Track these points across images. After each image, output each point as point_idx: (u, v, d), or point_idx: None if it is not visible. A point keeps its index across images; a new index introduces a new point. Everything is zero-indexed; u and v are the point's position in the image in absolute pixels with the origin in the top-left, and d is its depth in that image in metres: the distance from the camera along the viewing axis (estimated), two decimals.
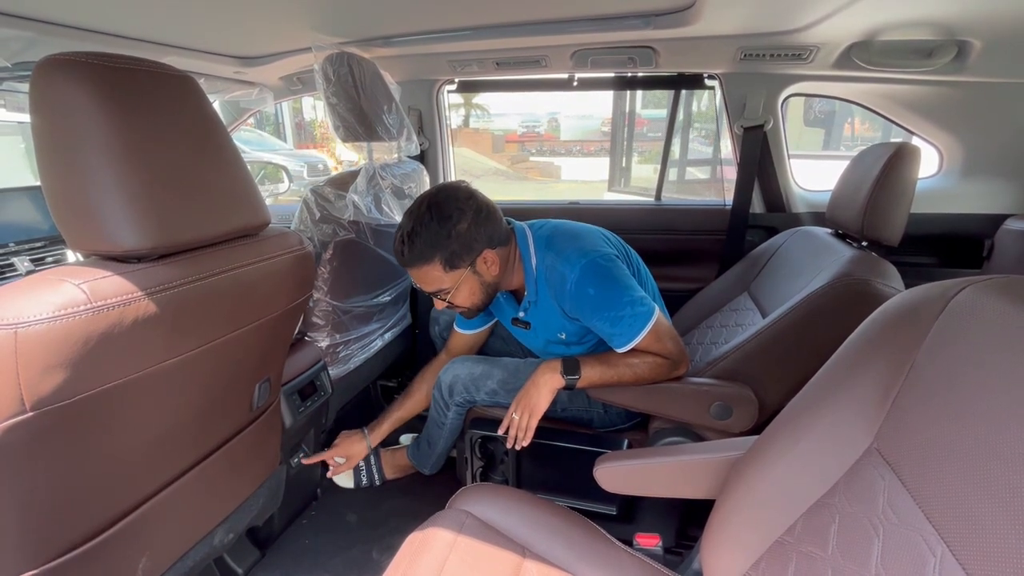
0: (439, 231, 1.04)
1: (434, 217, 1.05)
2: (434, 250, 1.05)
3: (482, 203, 1.10)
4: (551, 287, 1.13)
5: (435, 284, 1.09)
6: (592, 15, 1.26)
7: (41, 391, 0.54)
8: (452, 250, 1.05)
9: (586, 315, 1.09)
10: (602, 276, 1.07)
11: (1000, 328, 0.47)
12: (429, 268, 1.07)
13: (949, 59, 1.21)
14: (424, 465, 1.45)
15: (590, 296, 1.06)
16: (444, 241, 1.05)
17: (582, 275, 1.07)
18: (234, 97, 1.80)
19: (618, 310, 1.05)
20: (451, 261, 1.06)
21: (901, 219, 1.11)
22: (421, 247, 1.05)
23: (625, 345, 1.07)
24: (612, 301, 1.06)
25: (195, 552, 0.92)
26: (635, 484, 0.86)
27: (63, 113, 0.59)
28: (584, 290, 1.06)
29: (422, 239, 1.05)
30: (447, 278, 1.08)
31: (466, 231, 1.06)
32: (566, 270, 1.08)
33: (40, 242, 1.37)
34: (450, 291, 1.10)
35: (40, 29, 1.10)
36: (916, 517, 0.47)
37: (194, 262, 0.70)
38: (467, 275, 1.09)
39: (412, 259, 1.07)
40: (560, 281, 1.09)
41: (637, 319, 1.05)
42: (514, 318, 1.25)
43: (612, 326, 1.06)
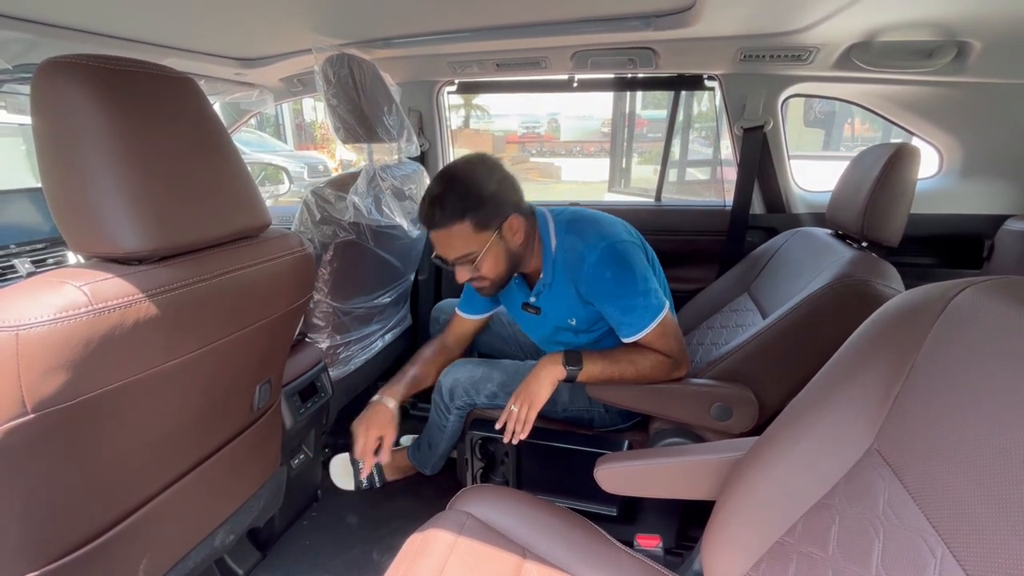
0: (468, 192, 1.04)
1: (463, 179, 1.06)
2: (464, 210, 1.04)
3: (507, 172, 1.11)
4: (568, 268, 1.12)
5: (462, 248, 1.07)
6: (592, 16, 1.26)
7: (42, 393, 0.54)
8: (482, 211, 1.04)
9: (600, 299, 1.09)
10: (620, 261, 1.08)
11: (1000, 329, 0.47)
12: (459, 229, 1.05)
13: (949, 60, 1.21)
14: (425, 466, 1.45)
15: (607, 279, 1.07)
16: (474, 201, 1.04)
17: (601, 257, 1.07)
18: (234, 99, 1.80)
19: (631, 299, 1.06)
20: (480, 222, 1.05)
21: (901, 220, 1.11)
22: (451, 207, 1.04)
23: (632, 335, 1.07)
24: (627, 288, 1.06)
25: (196, 553, 0.92)
26: (635, 485, 0.86)
27: (64, 115, 0.59)
28: (602, 272, 1.07)
29: (452, 200, 1.04)
30: (475, 240, 1.06)
31: (494, 193, 1.06)
32: (585, 251, 1.09)
33: (41, 244, 1.37)
34: (478, 255, 1.07)
35: (41, 31, 1.11)
36: (916, 518, 0.47)
37: (195, 264, 0.70)
38: (494, 240, 1.07)
39: (442, 220, 1.05)
40: (579, 261, 1.10)
41: (648, 311, 1.06)
42: (524, 303, 1.23)
43: (623, 314, 1.07)
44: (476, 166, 1.08)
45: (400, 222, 1.38)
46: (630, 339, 1.08)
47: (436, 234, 1.08)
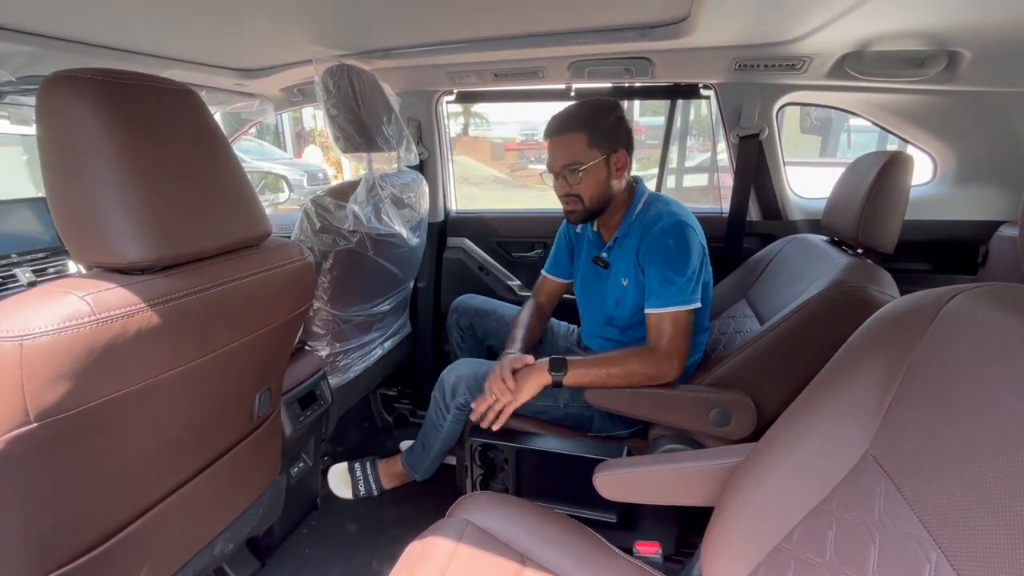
0: (591, 113, 1.18)
1: (589, 104, 1.20)
2: (584, 124, 1.17)
3: (626, 117, 1.22)
4: (642, 226, 1.20)
5: (572, 156, 1.17)
6: (588, 27, 1.27)
7: (45, 402, 0.54)
8: (598, 132, 1.16)
9: (650, 261, 1.16)
10: (684, 240, 1.14)
11: (992, 335, 0.48)
12: (574, 138, 1.17)
13: (940, 69, 1.23)
14: (416, 469, 1.45)
15: (667, 246, 1.14)
16: (594, 121, 1.17)
17: (671, 227, 1.15)
18: (235, 109, 1.82)
19: (675, 275, 1.12)
20: (595, 139, 1.16)
21: (895, 226, 1.12)
22: (573, 119, 1.18)
23: (655, 307, 1.14)
24: (677, 264, 1.13)
25: (196, 562, 0.91)
26: (634, 492, 0.86)
27: (69, 127, 0.60)
28: (665, 239, 1.14)
29: (576, 114, 1.18)
30: (584, 153, 1.17)
31: (613, 124, 1.18)
32: (664, 215, 1.18)
33: (42, 253, 1.38)
34: (583, 167, 1.17)
35: (44, 44, 1.12)
36: (912, 523, 0.47)
37: (196, 273, 0.70)
38: (600, 162, 1.17)
39: (561, 127, 1.18)
40: (653, 221, 1.18)
41: (681, 295, 1.12)
42: (596, 256, 1.33)
43: (660, 284, 1.13)
44: (603, 100, 1.22)
45: (399, 230, 1.39)
46: (651, 310, 1.14)
47: (553, 141, 1.20)
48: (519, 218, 1.98)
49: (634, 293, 1.21)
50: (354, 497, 1.52)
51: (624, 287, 1.23)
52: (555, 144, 1.20)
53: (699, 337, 1.25)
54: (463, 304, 1.65)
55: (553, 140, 1.21)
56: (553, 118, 1.22)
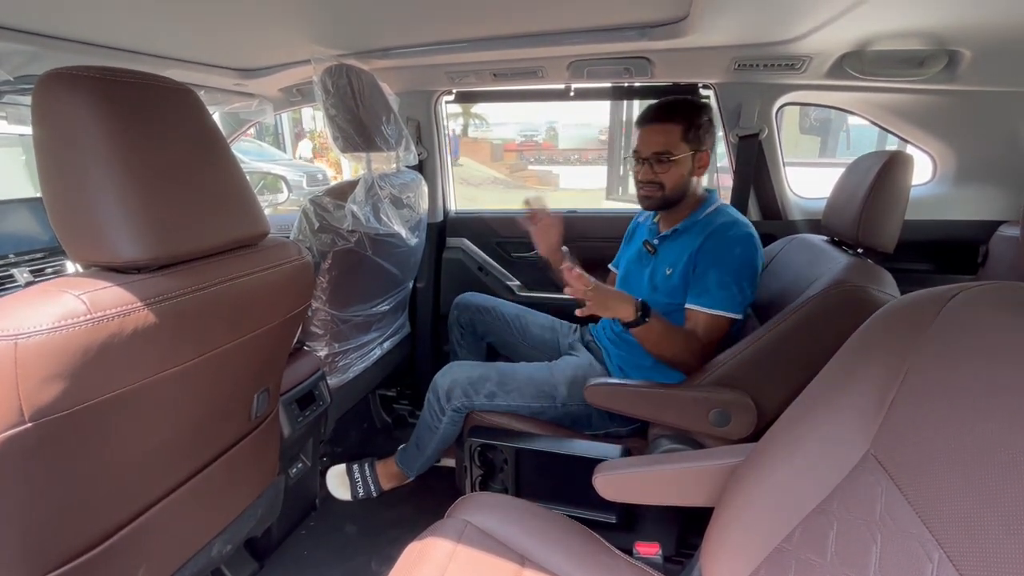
0: (688, 110, 1.24)
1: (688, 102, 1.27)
2: (682, 118, 1.22)
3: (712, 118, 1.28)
4: (706, 226, 1.23)
5: (665, 144, 1.22)
6: (588, 27, 1.27)
7: (40, 401, 0.54)
8: (692, 129, 1.22)
9: (710, 261, 1.19)
10: (750, 253, 1.19)
11: (993, 333, 0.48)
12: (672, 128, 1.22)
13: (940, 68, 1.23)
14: (411, 468, 1.45)
15: (733, 254, 1.18)
16: (690, 117, 1.22)
17: (742, 237, 1.20)
18: (234, 109, 1.81)
19: (732, 282, 1.16)
20: (688, 135, 1.22)
21: (895, 226, 1.12)
22: (672, 110, 1.23)
23: (701, 305, 1.17)
24: (736, 273, 1.17)
25: (193, 563, 0.91)
26: (634, 492, 0.85)
27: (65, 126, 0.60)
28: (732, 246, 1.18)
29: (674, 106, 1.24)
30: (677, 145, 1.22)
31: (704, 124, 1.24)
32: (739, 224, 1.22)
33: (39, 253, 1.37)
34: (673, 158, 1.22)
35: (42, 43, 1.12)
36: (913, 523, 0.47)
37: (194, 272, 0.70)
38: (688, 157, 1.23)
39: (660, 116, 1.24)
40: (725, 226, 1.21)
41: (730, 301, 1.16)
42: (646, 240, 1.37)
43: (715, 286, 1.17)
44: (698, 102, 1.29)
45: (398, 230, 1.39)
46: (700, 307, 1.17)
47: (649, 128, 1.25)
48: (519, 218, 1.98)
49: (675, 284, 1.24)
50: (353, 498, 1.52)
51: (667, 276, 1.26)
52: (650, 131, 1.25)
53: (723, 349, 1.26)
54: (464, 301, 1.66)
55: (649, 127, 1.25)
56: (650, 107, 1.27)
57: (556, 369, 1.31)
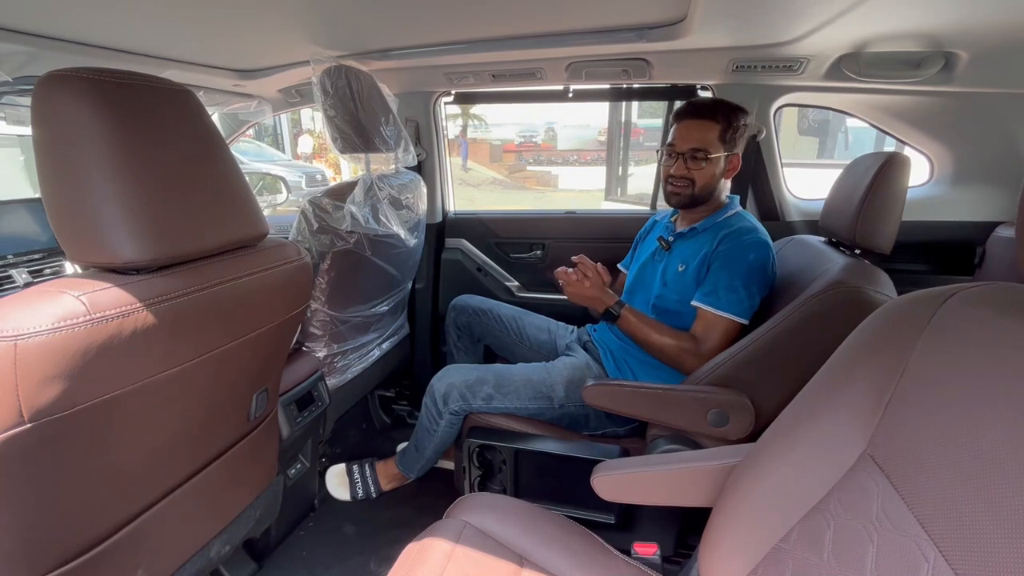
0: (728, 111, 1.24)
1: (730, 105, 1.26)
2: (722, 118, 1.23)
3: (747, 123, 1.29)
4: (725, 228, 1.24)
5: (702, 141, 1.22)
6: (586, 28, 1.28)
7: (39, 402, 0.54)
8: (730, 130, 1.23)
9: (723, 263, 1.20)
10: (763, 259, 1.20)
11: (988, 334, 0.48)
12: (711, 126, 1.22)
13: (937, 70, 1.24)
14: (411, 470, 1.45)
15: (747, 259, 1.18)
16: (729, 119, 1.23)
17: (760, 245, 1.20)
18: (233, 109, 1.81)
19: (741, 285, 1.17)
20: (726, 135, 1.23)
21: (893, 227, 1.12)
22: (713, 109, 1.23)
23: (713, 307, 1.18)
24: (746, 277, 1.17)
25: (191, 564, 0.91)
26: (632, 492, 0.86)
27: (64, 127, 0.60)
28: (749, 252, 1.19)
29: (715, 106, 1.24)
30: (713, 145, 1.22)
31: (740, 127, 1.25)
32: (758, 231, 1.23)
33: (38, 254, 1.37)
34: (710, 156, 1.22)
35: (41, 44, 1.12)
36: (909, 523, 0.47)
37: (193, 273, 0.70)
38: (722, 157, 1.24)
39: (701, 112, 1.24)
40: (743, 231, 1.22)
41: (737, 304, 1.16)
42: (661, 236, 1.38)
43: (726, 289, 1.17)
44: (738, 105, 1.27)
45: (397, 231, 1.39)
46: (707, 307, 1.18)
47: (688, 123, 1.25)
48: (517, 219, 1.98)
49: (687, 282, 1.24)
50: (352, 499, 1.52)
51: (679, 272, 1.27)
52: (689, 126, 1.24)
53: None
54: (461, 303, 1.66)
55: (688, 122, 1.25)
56: (691, 102, 1.28)
57: (553, 370, 1.32)
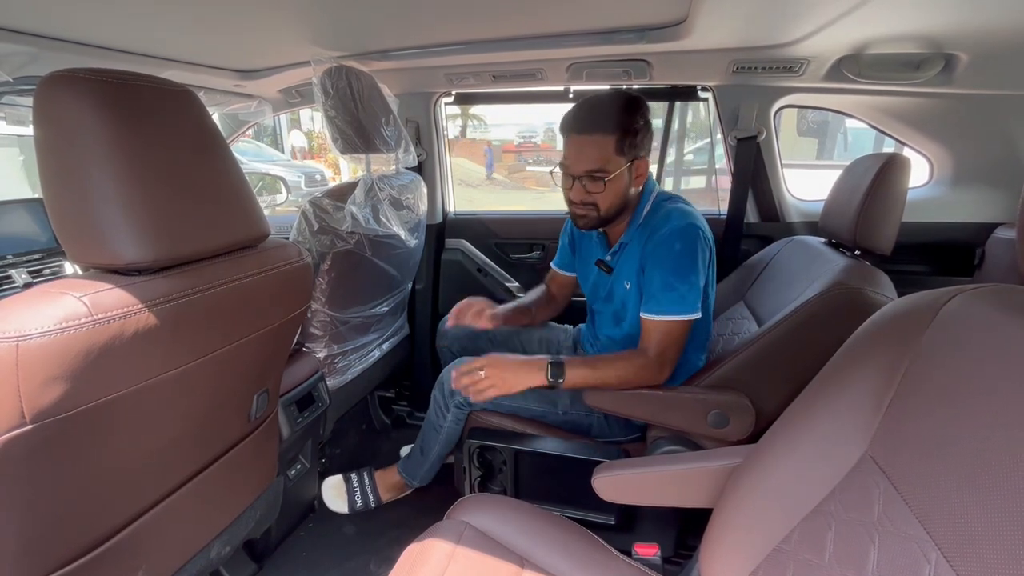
0: (622, 113, 1.07)
1: (621, 103, 1.08)
2: (615, 127, 1.06)
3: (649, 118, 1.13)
4: (648, 229, 1.14)
5: (596, 161, 1.08)
6: (587, 29, 1.28)
7: (41, 403, 0.54)
8: (628, 136, 1.07)
9: (653, 264, 1.11)
10: (691, 244, 1.09)
11: (990, 335, 0.48)
12: (603, 141, 1.07)
13: (936, 71, 1.24)
14: (415, 476, 1.44)
15: (673, 251, 1.08)
16: (625, 124, 1.07)
17: (679, 230, 1.09)
18: (233, 110, 1.81)
19: (677, 281, 1.08)
20: (622, 146, 1.07)
21: (893, 228, 1.13)
22: (605, 119, 1.06)
23: (651, 314, 1.09)
24: (680, 269, 1.08)
25: (192, 565, 0.91)
26: (633, 493, 0.86)
27: (66, 127, 0.60)
28: (672, 243, 1.09)
29: (607, 113, 1.07)
30: (610, 160, 1.08)
31: (641, 128, 1.09)
32: (674, 216, 1.11)
33: (38, 254, 1.37)
34: (607, 176, 1.08)
35: (42, 44, 1.12)
36: (911, 524, 0.47)
37: (194, 274, 0.70)
38: (624, 170, 1.09)
39: (591, 126, 1.07)
40: (661, 223, 1.12)
41: (681, 302, 1.07)
42: (600, 259, 1.27)
43: (660, 289, 1.09)
44: (634, 99, 1.10)
45: (398, 232, 1.39)
46: (648, 315, 1.10)
47: (577, 139, 1.09)
48: (517, 220, 1.98)
49: (636, 296, 1.18)
50: (351, 510, 1.48)
51: (627, 290, 1.19)
52: (579, 143, 1.08)
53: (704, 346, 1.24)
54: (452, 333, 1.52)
55: (577, 138, 1.09)
56: (579, 111, 1.10)
57: None
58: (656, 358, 1.09)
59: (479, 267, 1.95)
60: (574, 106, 1.11)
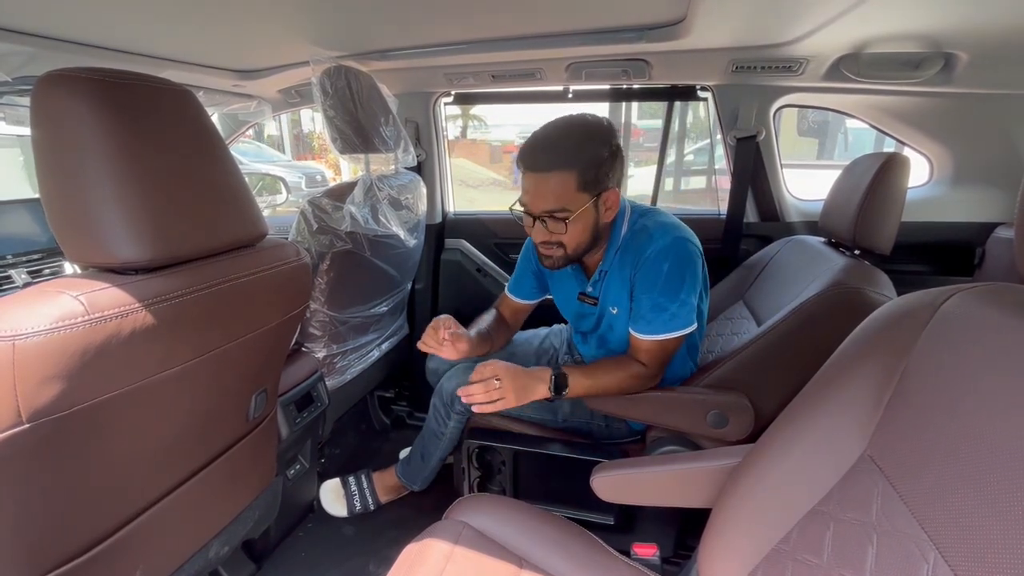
0: (585, 146, 0.98)
1: (583, 132, 0.99)
2: (576, 162, 0.97)
3: (620, 144, 1.03)
4: (632, 251, 1.08)
5: (556, 201, 0.99)
6: (586, 29, 1.28)
7: (38, 403, 0.54)
8: (591, 170, 0.98)
9: (642, 286, 1.06)
10: (680, 261, 1.04)
11: (988, 334, 0.48)
12: (563, 179, 0.98)
13: (936, 71, 1.24)
14: (414, 480, 1.43)
15: (661, 271, 1.03)
16: (587, 157, 0.98)
17: (666, 248, 1.04)
18: (233, 110, 1.81)
19: (668, 301, 1.03)
20: (585, 181, 0.98)
21: (892, 228, 1.13)
22: (564, 155, 0.97)
23: (643, 333, 1.06)
24: (670, 289, 1.03)
25: (190, 565, 0.91)
26: (631, 493, 0.86)
27: (64, 127, 0.60)
28: (660, 263, 1.04)
29: (567, 148, 0.98)
30: (573, 198, 0.99)
31: (606, 159, 1.00)
32: (656, 235, 1.06)
33: (37, 254, 1.37)
34: (571, 215, 1.00)
35: (40, 44, 1.12)
36: (909, 523, 0.47)
37: (192, 273, 0.70)
38: (589, 206, 1.01)
39: (548, 163, 0.98)
40: (645, 242, 1.06)
41: (673, 321, 1.04)
42: (581, 293, 1.20)
43: (651, 310, 1.05)
44: (597, 126, 1.01)
45: (397, 231, 1.39)
46: (637, 335, 1.07)
47: (534, 177, 1.00)
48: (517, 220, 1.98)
49: (624, 318, 1.13)
50: (349, 513, 1.47)
51: (614, 315, 1.15)
52: (536, 182, 1.00)
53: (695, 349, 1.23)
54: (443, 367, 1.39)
55: (534, 176, 1.00)
56: (534, 144, 1.00)
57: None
58: (649, 367, 1.09)
59: (478, 267, 1.94)
60: (531, 137, 1.02)
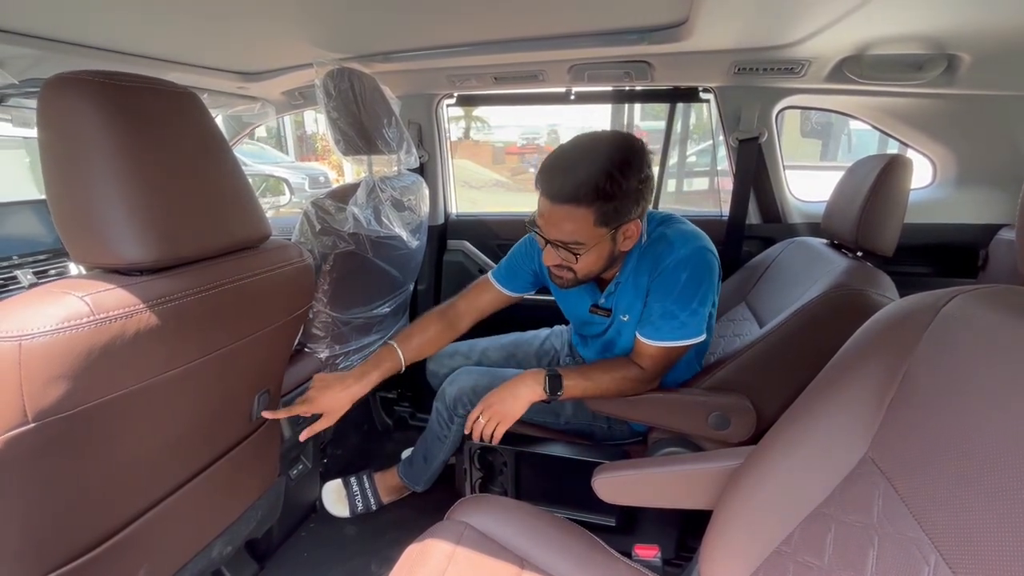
0: (612, 179, 0.91)
1: (609, 160, 0.91)
2: (595, 197, 0.91)
3: (651, 171, 0.98)
4: (650, 259, 1.05)
5: (572, 234, 0.95)
6: (588, 31, 1.28)
7: (43, 402, 0.55)
8: (612, 205, 0.92)
9: (657, 293, 1.04)
10: (698, 271, 1.01)
11: (990, 336, 0.48)
12: (580, 213, 0.92)
13: (939, 72, 1.23)
14: (417, 482, 1.43)
15: (679, 280, 1.01)
16: (611, 193, 0.91)
17: (687, 257, 1.01)
18: (236, 112, 1.82)
19: (680, 309, 1.01)
20: (604, 217, 0.93)
21: (895, 229, 1.12)
22: (584, 188, 0.90)
23: (649, 339, 1.03)
24: (685, 299, 1.01)
25: (193, 564, 0.91)
26: (633, 494, 0.86)
27: (70, 129, 0.60)
28: (679, 273, 1.01)
29: (587, 179, 0.90)
30: (589, 233, 0.94)
31: (633, 192, 0.94)
32: (677, 243, 1.03)
33: (43, 255, 1.38)
34: (584, 248, 0.96)
35: (47, 47, 1.13)
36: (910, 526, 0.47)
37: (196, 274, 0.71)
38: (606, 239, 0.96)
39: (566, 196, 0.91)
40: (665, 251, 1.03)
41: (683, 329, 1.02)
42: (594, 305, 1.16)
43: (661, 317, 1.02)
44: (628, 152, 0.93)
45: (399, 232, 1.39)
46: (644, 340, 1.04)
47: (552, 207, 0.94)
48: (519, 221, 1.98)
49: (632, 325, 1.11)
50: (352, 514, 1.47)
51: (624, 322, 1.13)
52: (551, 210, 0.94)
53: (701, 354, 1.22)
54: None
55: (550, 205, 0.94)
56: (553, 166, 0.94)
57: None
58: (649, 372, 1.08)
59: (481, 268, 1.95)
60: (552, 153, 0.96)
